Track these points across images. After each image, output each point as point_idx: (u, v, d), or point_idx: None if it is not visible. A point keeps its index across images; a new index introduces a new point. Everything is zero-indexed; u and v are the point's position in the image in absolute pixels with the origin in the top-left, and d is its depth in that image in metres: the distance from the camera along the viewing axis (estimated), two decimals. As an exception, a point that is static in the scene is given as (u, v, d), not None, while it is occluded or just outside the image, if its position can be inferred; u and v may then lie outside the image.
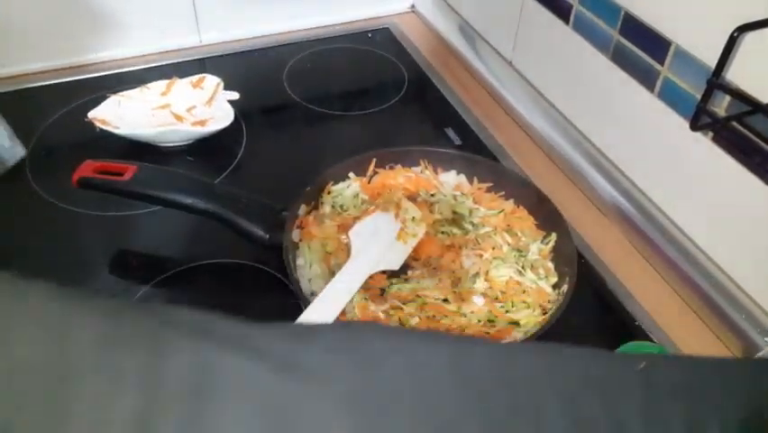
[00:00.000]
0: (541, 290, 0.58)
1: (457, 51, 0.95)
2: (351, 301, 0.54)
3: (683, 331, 0.60)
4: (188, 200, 0.61)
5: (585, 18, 0.70)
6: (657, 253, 0.65)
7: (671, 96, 0.61)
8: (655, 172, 0.66)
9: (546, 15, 0.76)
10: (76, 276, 0.63)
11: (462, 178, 0.69)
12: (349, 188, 0.67)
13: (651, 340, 0.59)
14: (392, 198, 0.63)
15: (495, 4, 0.87)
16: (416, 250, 0.61)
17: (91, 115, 0.75)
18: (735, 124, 0.53)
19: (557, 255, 0.61)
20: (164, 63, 0.90)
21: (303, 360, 0.26)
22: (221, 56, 0.93)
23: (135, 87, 0.79)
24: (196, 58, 0.92)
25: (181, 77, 0.81)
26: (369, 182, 0.68)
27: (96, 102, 0.77)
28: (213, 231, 0.62)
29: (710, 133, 0.58)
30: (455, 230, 0.63)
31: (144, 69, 0.89)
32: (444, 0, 0.99)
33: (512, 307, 0.56)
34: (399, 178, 0.68)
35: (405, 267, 0.60)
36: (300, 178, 0.64)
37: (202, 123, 0.77)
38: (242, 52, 0.94)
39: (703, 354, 0.58)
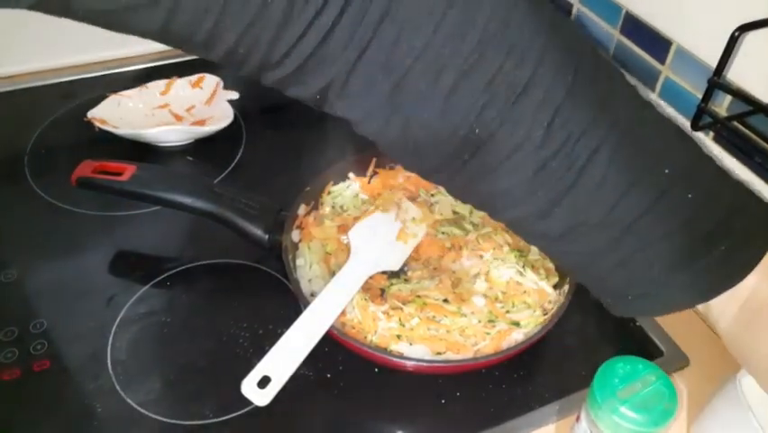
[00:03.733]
0: (542, 290, 0.58)
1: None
2: (351, 301, 0.54)
3: (684, 330, 0.60)
4: (188, 200, 0.61)
5: (586, 18, 0.69)
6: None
7: (671, 96, 0.61)
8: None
9: (547, 15, 0.76)
10: (76, 276, 0.63)
11: (463, 178, 0.69)
12: (349, 189, 0.67)
13: (651, 340, 0.59)
14: (392, 198, 0.63)
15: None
16: (416, 250, 0.61)
17: (90, 114, 0.75)
18: (736, 123, 0.53)
19: (557, 255, 0.61)
20: (163, 63, 0.90)
21: None
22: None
23: (134, 87, 0.79)
24: (195, 57, 0.92)
25: (180, 76, 0.81)
26: (369, 182, 0.67)
27: (95, 102, 0.77)
28: (213, 231, 0.62)
29: (711, 133, 0.58)
30: (456, 230, 0.63)
31: (143, 68, 0.89)
32: None
33: (512, 307, 0.56)
34: (399, 178, 0.68)
35: (405, 267, 0.60)
36: (300, 178, 0.64)
37: (201, 122, 0.77)
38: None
39: (704, 353, 0.58)
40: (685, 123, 0.57)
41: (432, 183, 0.44)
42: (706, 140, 0.58)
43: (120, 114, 0.77)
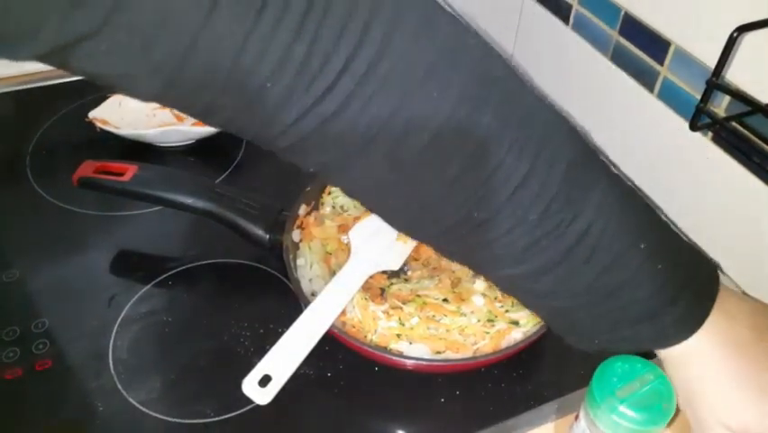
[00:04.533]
0: (541, 289, 0.58)
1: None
2: (351, 301, 0.54)
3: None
4: (188, 200, 0.61)
5: (585, 18, 0.70)
6: (657, 253, 0.65)
7: (670, 97, 0.61)
8: (654, 172, 0.66)
9: (546, 16, 0.76)
10: (77, 276, 0.63)
11: (462, 178, 0.69)
12: (349, 189, 0.67)
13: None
14: (392, 198, 0.63)
15: (495, 5, 0.87)
16: (416, 250, 0.61)
17: (92, 115, 0.76)
18: (734, 124, 0.53)
19: (557, 255, 0.61)
20: (164, 63, 0.90)
21: None
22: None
23: (136, 88, 0.79)
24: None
25: (182, 77, 0.81)
26: (369, 182, 0.68)
27: (96, 102, 0.77)
28: (213, 231, 0.62)
29: (710, 134, 0.58)
30: (455, 230, 0.63)
31: (145, 69, 0.89)
32: (444, 0, 0.99)
33: (512, 306, 0.56)
34: (399, 178, 0.68)
35: (405, 267, 0.60)
36: (300, 178, 0.64)
37: (202, 123, 0.77)
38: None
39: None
40: (683, 123, 0.57)
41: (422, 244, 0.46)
42: (704, 140, 0.58)
43: (121, 114, 0.77)
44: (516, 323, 0.55)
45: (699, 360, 0.42)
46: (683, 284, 0.41)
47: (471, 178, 0.37)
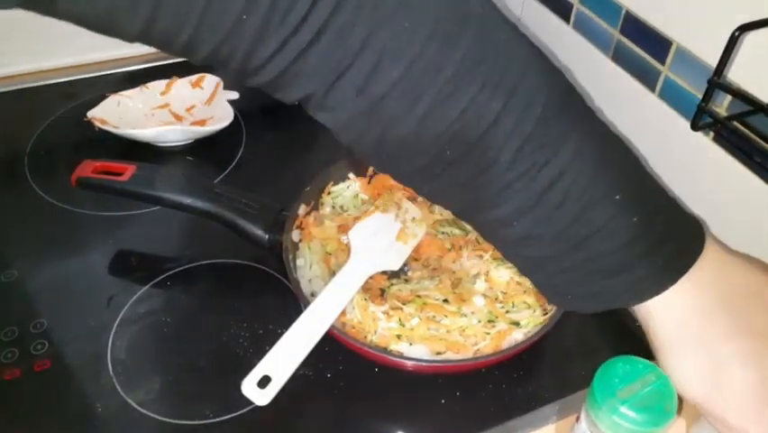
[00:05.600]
0: (541, 290, 0.58)
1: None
2: (351, 301, 0.54)
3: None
4: (188, 200, 0.61)
5: (586, 17, 0.69)
6: (658, 253, 0.65)
7: (671, 96, 0.61)
8: (655, 172, 0.66)
9: (547, 15, 0.76)
10: (76, 276, 0.63)
11: (463, 178, 0.69)
12: (349, 189, 0.67)
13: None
14: (392, 198, 0.63)
15: (495, 3, 0.87)
16: (416, 250, 0.61)
17: (90, 114, 0.75)
18: (735, 123, 0.53)
19: (557, 255, 0.61)
20: (163, 62, 0.90)
21: None
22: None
23: (134, 87, 0.79)
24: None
25: (181, 76, 0.81)
26: (369, 182, 0.67)
27: (95, 102, 0.77)
28: (213, 231, 0.62)
29: (711, 133, 0.58)
30: (456, 230, 0.63)
31: (143, 68, 0.89)
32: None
33: (512, 307, 0.56)
34: (399, 178, 0.68)
35: (405, 267, 0.60)
36: (300, 178, 0.64)
37: (201, 122, 0.77)
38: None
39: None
40: (685, 123, 0.57)
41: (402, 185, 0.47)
42: (706, 140, 0.58)
43: (120, 114, 0.77)
44: (516, 324, 0.55)
45: (662, 321, 0.42)
46: (660, 240, 0.41)
47: (443, 113, 0.37)
